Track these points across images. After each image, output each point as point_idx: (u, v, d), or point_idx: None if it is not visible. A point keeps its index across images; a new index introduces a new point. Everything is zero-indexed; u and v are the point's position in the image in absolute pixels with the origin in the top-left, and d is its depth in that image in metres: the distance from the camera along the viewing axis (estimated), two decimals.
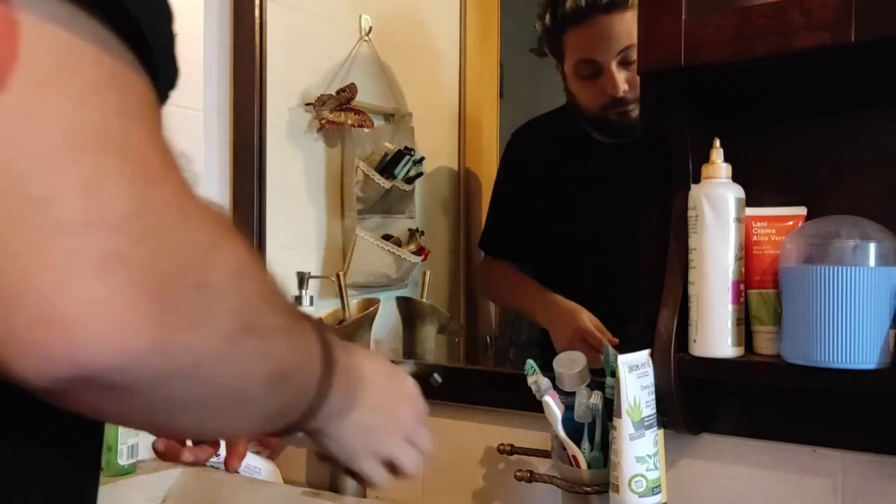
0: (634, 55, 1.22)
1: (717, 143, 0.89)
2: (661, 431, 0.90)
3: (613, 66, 1.30)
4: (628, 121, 1.31)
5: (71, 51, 0.35)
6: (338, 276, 1.14)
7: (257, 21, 1.44)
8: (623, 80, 1.30)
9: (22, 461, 0.40)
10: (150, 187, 0.35)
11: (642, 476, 0.86)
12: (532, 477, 1.01)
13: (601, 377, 0.93)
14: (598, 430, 0.94)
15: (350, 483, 1.14)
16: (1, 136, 0.32)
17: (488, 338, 1.53)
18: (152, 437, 1.32)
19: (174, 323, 0.35)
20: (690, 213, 0.90)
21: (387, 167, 1.54)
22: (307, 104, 1.51)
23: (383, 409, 0.59)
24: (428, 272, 1.52)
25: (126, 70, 0.37)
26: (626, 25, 1.27)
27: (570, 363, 0.95)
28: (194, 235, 0.37)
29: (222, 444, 0.71)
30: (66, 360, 0.32)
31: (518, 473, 1.02)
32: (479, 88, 1.63)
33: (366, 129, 1.55)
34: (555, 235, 1.40)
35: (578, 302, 1.25)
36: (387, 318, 1.48)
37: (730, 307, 0.87)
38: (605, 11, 1.29)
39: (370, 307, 1.15)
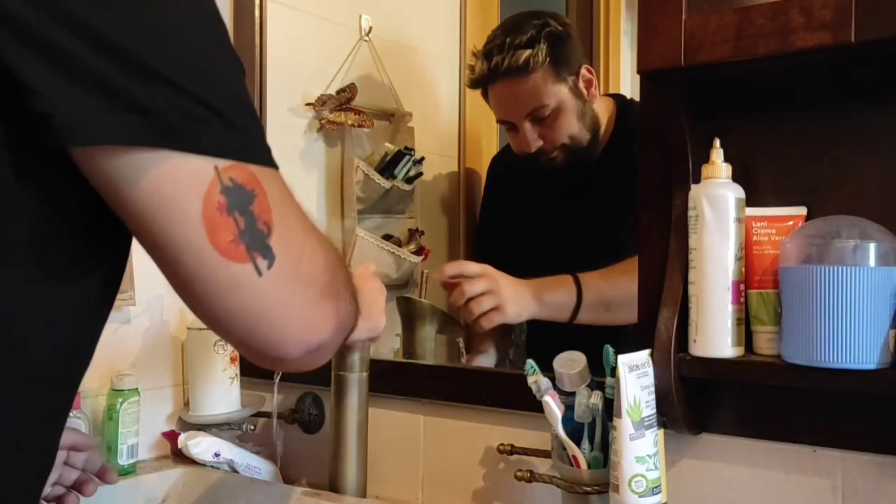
0: (546, 112, 1.34)
1: (717, 143, 0.89)
2: (661, 431, 0.90)
3: (526, 125, 1.36)
4: (556, 164, 1.38)
5: (280, 183, 0.59)
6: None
7: (257, 21, 1.44)
8: (535, 137, 1.37)
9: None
10: (319, 242, 0.62)
11: (642, 476, 0.86)
12: (532, 477, 1.01)
13: (601, 377, 0.93)
14: (598, 430, 0.94)
15: (350, 482, 1.15)
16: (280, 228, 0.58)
17: None
18: (151, 437, 1.32)
19: (339, 307, 0.63)
20: (690, 213, 0.90)
21: (387, 167, 1.54)
22: (307, 104, 1.51)
23: (370, 315, 0.93)
24: (425, 272, 1.52)
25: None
26: (531, 88, 1.34)
27: (570, 363, 0.95)
28: (333, 257, 0.64)
29: None
30: (311, 343, 0.61)
31: (518, 473, 1.02)
32: None
33: (366, 129, 1.55)
34: (538, 256, 1.43)
35: None
36: (387, 318, 1.48)
37: (730, 307, 0.87)
38: (507, 76, 1.34)
39: None
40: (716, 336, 0.87)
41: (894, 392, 0.80)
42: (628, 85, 1.45)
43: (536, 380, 0.95)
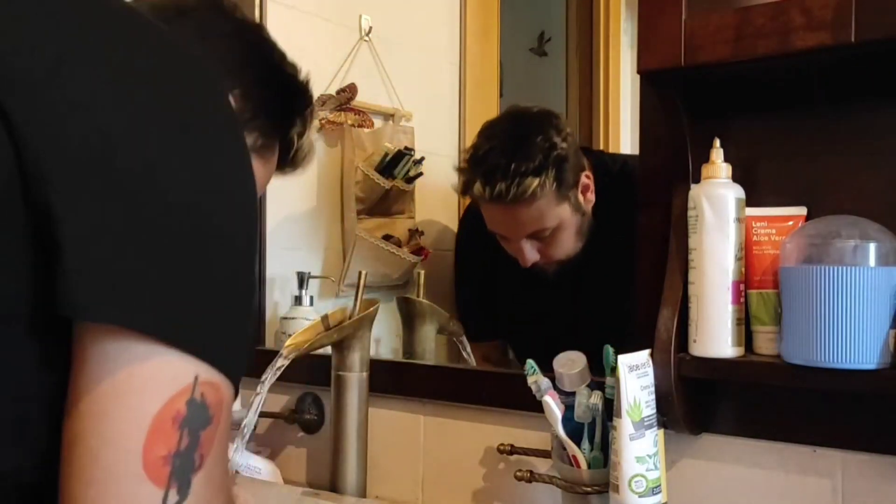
0: (546, 233, 1.27)
1: (717, 143, 0.89)
2: (661, 431, 0.90)
3: (524, 243, 1.30)
4: (552, 267, 1.32)
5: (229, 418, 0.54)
6: (360, 273, 1.15)
7: (257, 21, 1.44)
8: (534, 253, 1.30)
9: None
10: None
11: (642, 476, 0.86)
12: (532, 477, 1.01)
13: (601, 377, 0.93)
14: (598, 430, 0.94)
15: (350, 482, 1.15)
16: None
17: None
18: None
19: None
20: (690, 213, 0.90)
21: (387, 167, 1.54)
22: None
23: None
24: (422, 272, 1.52)
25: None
26: (535, 214, 1.27)
27: (570, 363, 0.95)
28: None
29: None
30: None
31: (518, 473, 1.02)
32: (479, 88, 1.63)
33: (366, 129, 1.55)
34: (518, 314, 1.41)
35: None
36: (387, 318, 1.48)
37: (730, 307, 0.87)
38: (511, 203, 1.26)
39: (370, 307, 1.15)
40: (716, 336, 0.87)
41: (894, 392, 0.80)
42: (628, 85, 1.45)
43: (536, 380, 0.95)
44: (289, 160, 0.84)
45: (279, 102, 0.80)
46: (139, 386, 0.48)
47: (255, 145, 0.78)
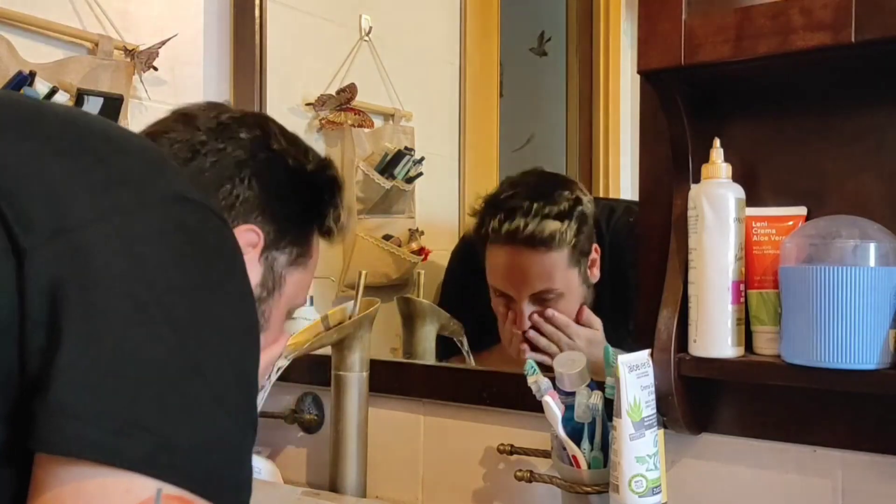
0: (551, 296, 1.18)
1: (717, 143, 0.89)
2: (661, 431, 0.90)
3: (525, 304, 1.21)
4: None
5: None
6: (360, 273, 1.15)
7: (257, 21, 1.44)
8: (533, 316, 1.21)
9: None
10: None
11: (642, 476, 0.86)
12: (532, 477, 1.01)
13: (601, 377, 0.93)
14: (598, 430, 0.94)
15: (350, 482, 1.15)
16: None
17: None
18: None
19: None
20: (690, 213, 0.89)
21: (387, 167, 1.54)
22: (307, 104, 1.51)
23: None
24: (422, 272, 1.52)
25: None
26: (547, 266, 1.19)
27: (571, 363, 0.95)
28: None
29: None
30: None
31: (518, 473, 1.02)
32: (479, 88, 1.63)
33: (366, 129, 1.55)
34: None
35: None
36: (387, 318, 1.48)
37: (730, 307, 0.87)
38: (526, 245, 1.18)
39: (370, 307, 1.15)
40: (716, 336, 0.87)
41: (894, 392, 0.80)
42: (628, 85, 1.45)
43: (536, 380, 0.95)
44: (333, 235, 0.85)
45: (305, 207, 0.81)
46: (89, 500, 0.47)
47: (291, 260, 0.79)
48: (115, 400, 0.48)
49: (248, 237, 0.74)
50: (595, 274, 1.23)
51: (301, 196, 0.80)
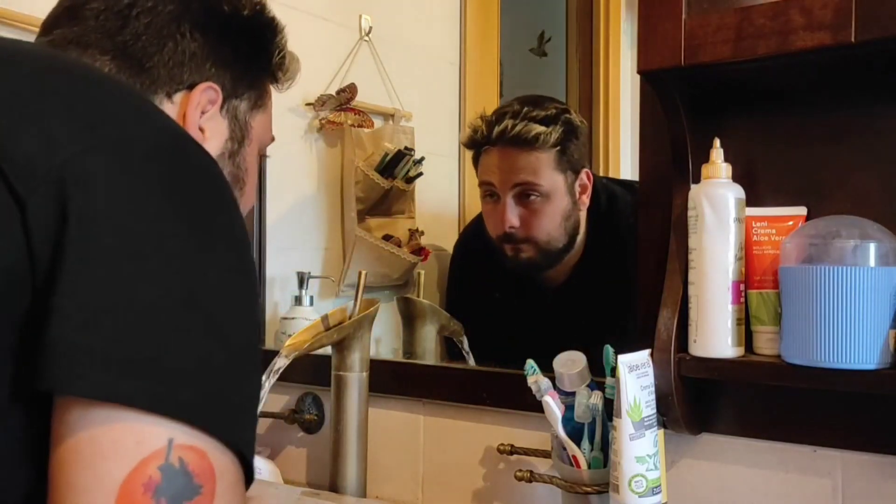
0: (535, 194, 1.28)
1: (717, 143, 0.89)
2: (661, 431, 0.90)
3: (509, 198, 1.30)
4: (521, 260, 1.32)
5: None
6: (360, 273, 1.15)
7: None
8: (515, 216, 1.30)
9: None
10: None
11: (642, 476, 0.86)
12: (532, 477, 1.01)
13: (601, 377, 0.93)
14: (598, 430, 0.94)
15: (350, 482, 1.15)
16: None
17: None
18: None
19: None
20: (690, 213, 0.90)
21: (387, 167, 1.55)
22: (307, 104, 1.51)
23: None
24: (422, 272, 1.52)
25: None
26: (531, 162, 1.28)
27: (571, 363, 0.95)
28: None
29: None
30: None
31: (518, 473, 1.02)
32: (479, 88, 1.63)
33: (366, 129, 1.55)
34: (512, 336, 1.38)
35: None
36: (387, 318, 1.48)
37: (730, 307, 0.87)
38: (512, 144, 1.28)
39: (370, 307, 1.15)
40: (716, 336, 0.87)
41: (894, 392, 0.80)
42: (628, 85, 1.45)
43: (536, 380, 0.95)
44: (281, 80, 0.85)
45: (252, 53, 0.80)
46: (102, 452, 0.47)
47: (251, 104, 0.79)
48: (113, 337, 0.48)
49: (208, 94, 0.73)
50: (584, 201, 1.32)
51: (244, 40, 0.79)
